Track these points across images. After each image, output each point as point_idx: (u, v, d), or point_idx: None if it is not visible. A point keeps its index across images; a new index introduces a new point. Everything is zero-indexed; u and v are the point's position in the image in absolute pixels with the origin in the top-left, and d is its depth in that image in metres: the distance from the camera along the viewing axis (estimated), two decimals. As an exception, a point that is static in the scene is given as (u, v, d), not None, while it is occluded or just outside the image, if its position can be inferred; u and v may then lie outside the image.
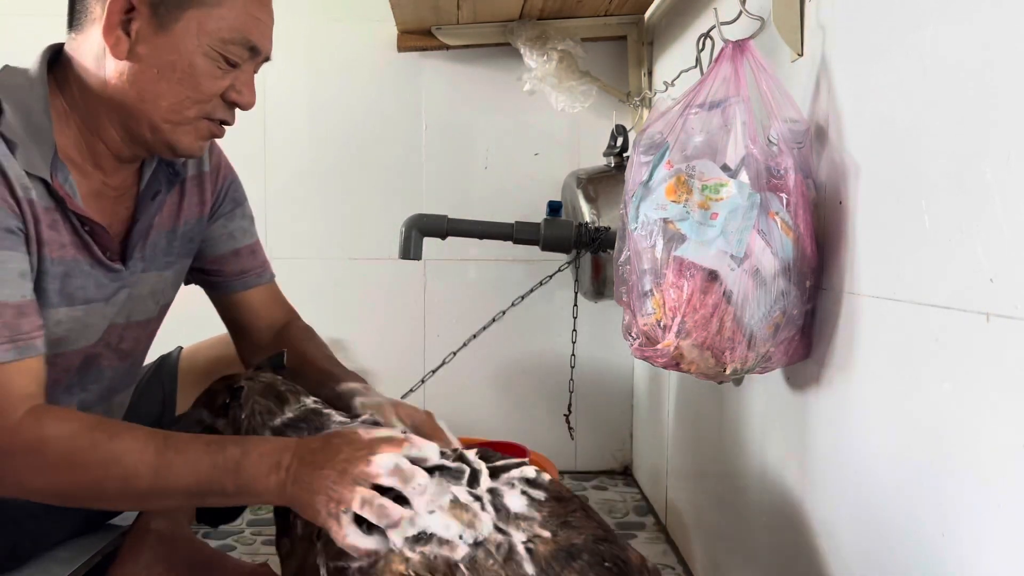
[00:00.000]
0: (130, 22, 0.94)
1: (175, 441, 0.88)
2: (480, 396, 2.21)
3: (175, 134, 1.00)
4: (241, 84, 1.01)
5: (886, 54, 0.85)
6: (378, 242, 2.15)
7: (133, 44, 0.95)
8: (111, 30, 0.94)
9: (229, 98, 1.01)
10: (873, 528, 0.87)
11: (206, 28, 0.95)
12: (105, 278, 1.04)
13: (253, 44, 0.99)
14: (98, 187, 1.03)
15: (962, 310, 0.70)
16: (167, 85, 0.96)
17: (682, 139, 1.03)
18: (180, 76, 0.96)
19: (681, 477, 1.68)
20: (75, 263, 1.00)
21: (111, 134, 1.01)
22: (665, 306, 0.99)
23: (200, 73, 0.97)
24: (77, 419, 0.89)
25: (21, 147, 0.92)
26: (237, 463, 0.85)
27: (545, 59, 1.95)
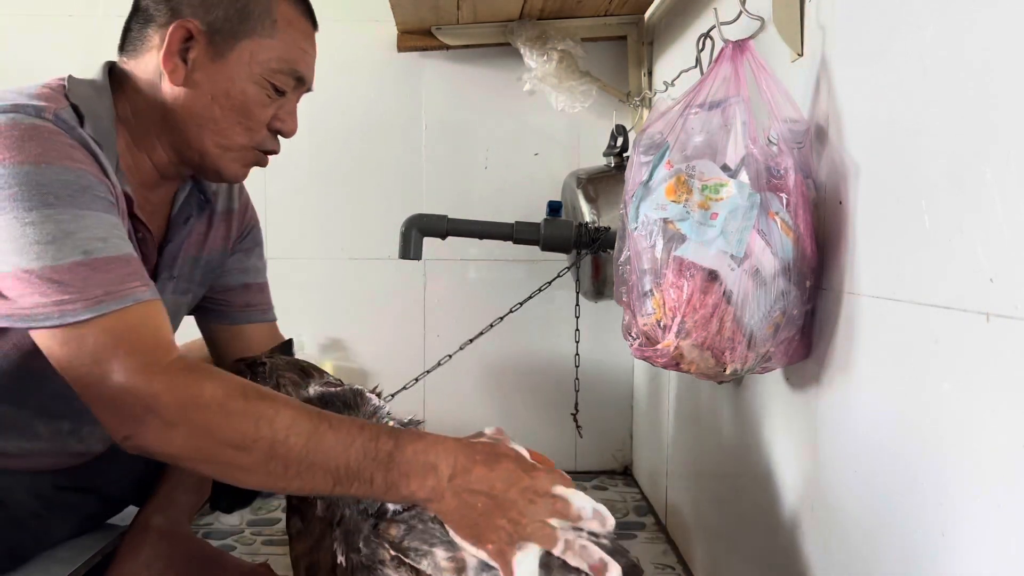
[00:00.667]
0: (188, 50, 1.00)
1: (329, 416, 0.84)
2: (480, 396, 2.21)
3: (223, 160, 1.05)
4: (286, 113, 1.07)
5: (886, 54, 0.85)
6: (378, 242, 2.15)
7: (190, 71, 1.01)
8: (171, 57, 1.00)
9: (274, 127, 1.07)
10: (873, 528, 0.87)
11: (258, 58, 1.02)
12: None
13: (300, 74, 1.06)
14: (141, 200, 1.06)
15: (962, 310, 0.70)
16: (220, 111, 1.02)
17: (682, 139, 1.03)
18: (232, 103, 1.02)
19: (681, 477, 1.68)
20: None
21: (160, 153, 1.06)
22: (665, 306, 0.99)
23: (251, 100, 1.03)
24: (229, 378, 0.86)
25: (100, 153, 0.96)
26: (389, 455, 0.81)
27: (545, 59, 1.95)
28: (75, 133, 0.92)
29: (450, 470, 0.82)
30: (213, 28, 1.00)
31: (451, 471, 0.82)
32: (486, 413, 2.20)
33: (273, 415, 0.82)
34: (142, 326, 0.86)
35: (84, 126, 0.94)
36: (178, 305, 1.18)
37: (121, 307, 0.84)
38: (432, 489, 0.81)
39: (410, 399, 2.18)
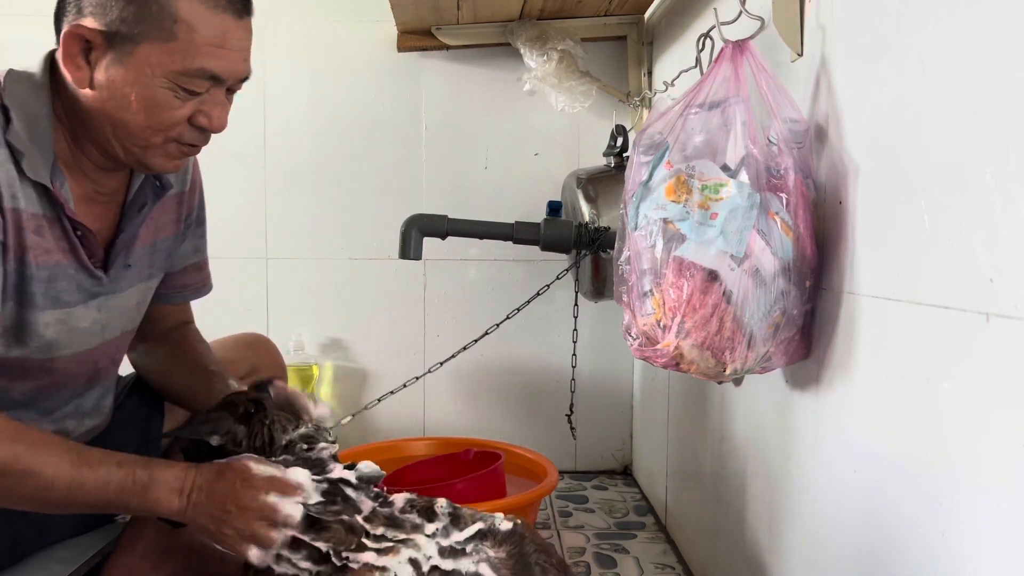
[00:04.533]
0: (90, 51, 0.95)
1: (89, 458, 0.94)
2: (480, 395, 2.21)
3: (145, 157, 1.01)
4: (209, 108, 1.00)
5: (886, 54, 0.85)
6: (378, 242, 2.15)
7: (94, 73, 0.96)
8: (71, 60, 0.96)
9: (197, 123, 1.00)
10: (873, 527, 0.87)
11: (160, 62, 0.95)
12: (86, 282, 1.06)
13: (213, 74, 0.98)
14: (90, 192, 1.05)
15: (962, 310, 0.70)
16: (128, 115, 0.97)
17: (682, 139, 1.03)
18: (139, 107, 0.96)
19: (681, 477, 1.69)
20: (59, 267, 1.02)
21: (92, 151, 1.03)
22: (665, 306, 0.99)
23: (158, 104, 0.97)
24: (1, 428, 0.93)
25: (27, 155, 0.95)
26: (144, 486, 0.94)
27: (545, 59, 1.95)
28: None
29: (188, 490, 0.95)
30: (111, 30, 0.94)
31: (189, 491, 0.95)
32: (486, 413, 2.20)
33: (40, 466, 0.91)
34: None
35: (7, 132, 0.93)
36: (146, 292, 1.19)
37: None
38: (179, 508, 0.95)
39: (410, 399, 2.18)
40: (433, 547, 0.90)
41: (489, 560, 0.89)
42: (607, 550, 1.70)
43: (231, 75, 1.00)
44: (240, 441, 1.08)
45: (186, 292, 1.29)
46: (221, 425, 1.10)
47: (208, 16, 0.96)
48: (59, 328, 1.04)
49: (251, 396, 1.13)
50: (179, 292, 1.28)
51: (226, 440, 1.09)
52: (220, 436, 1.09)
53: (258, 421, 1.09)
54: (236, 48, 0.99)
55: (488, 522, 0.93)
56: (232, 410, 1.11)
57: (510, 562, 0.89)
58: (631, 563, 1.64)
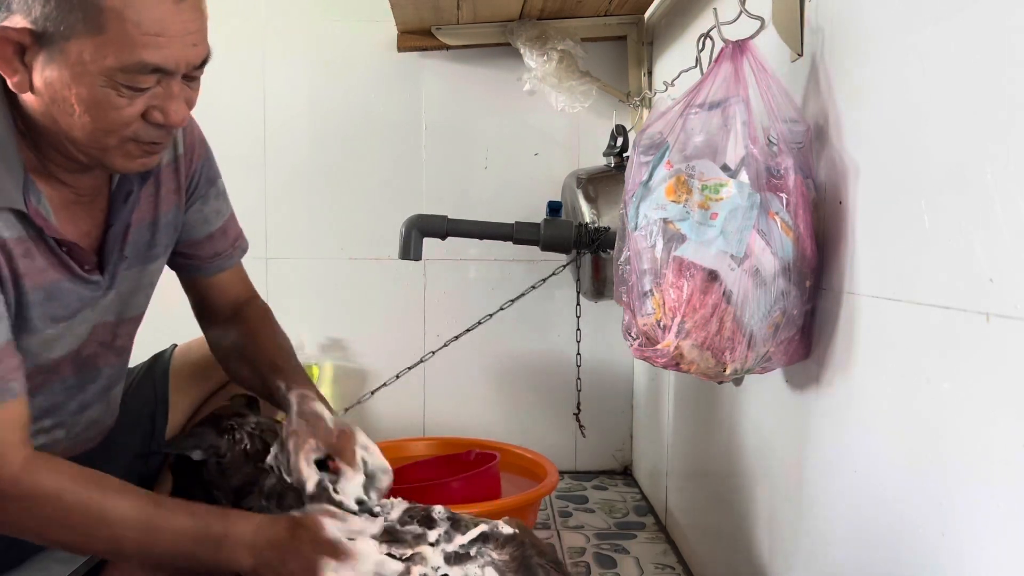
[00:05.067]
0: (24, 52, 0.87)
1: (164, 509, 0.92)
2: (480, 395, 2.21)
3: (105, 158, 0.94)
4: (162, 102, 0.90)
5: (886, 54, 0.85)
6: (378, 242, 2.15)
7: (31, 76, 0.88)
8: (6, 64, 0.87)
9: (152, 119, 0.91)
10: (873, 527, 0.87)
11: (92, 58, 0.85)
12: (86, 290, 1.03)
13: (156, 66, 0.87)
14: (69, 196, 1.00)
15: (962, 310, 0.70)
16: (73, 119, 0.89)
17: (682, 139, 1.03)
18: (82, 110, 0.88)
19: (681, 477, 1.69)
20: (55, 284, 0.98)
21: (54, 152, 0.96)
22: (665, 306, 0.99)
23: (101, 105, 0.88)
24: (70, 476, 0.91)
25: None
26: (219, 540, 0.91)
27: (545, 59, 1.95)
28: None
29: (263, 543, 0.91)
30: (38, 29, 0.85)
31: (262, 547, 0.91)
32: (486, 412, 2.20)
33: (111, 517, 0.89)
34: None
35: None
36: (151, 274, 1.14)
37: None
38: (250, 566, 0.91)
39: (411, 399, 2.19)
40: (439, 556, 0.89)
41: (494, 563, 0.89)
42: (607, 550, 1.70)
43: (178, 65, 0.89)
44: (224, 454, 1.09)
45: (220, 260, 1.21)
46: (204, 440, 1.11)
47: (139, 2, 0.85)
48: (58, 338, 1.02)
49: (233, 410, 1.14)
50: (212, 261, 1.20)
51: (209, 454, 1.10)
52: (203, 451, 1.10)
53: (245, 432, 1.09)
54: (179, 34, 0.88)
55: (490, 525, 0.93)
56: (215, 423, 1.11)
57: (513, 564, 0.89)
58: (631, 563, 1.64)
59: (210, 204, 1.18)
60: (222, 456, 1.09)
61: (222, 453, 1.09)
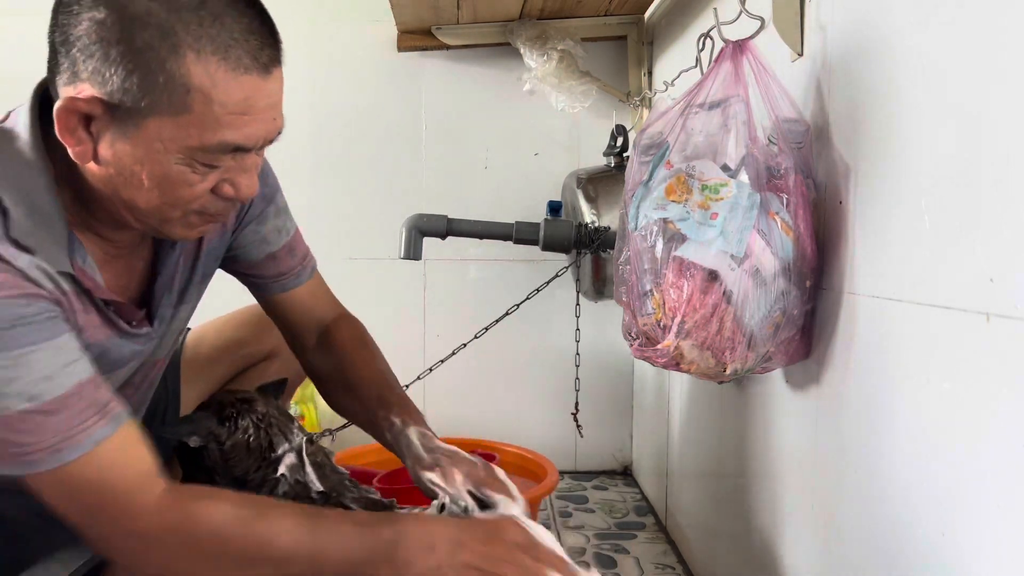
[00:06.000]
0: (91, 121, 0.81)
1: (326, 522, 0.86)
2: (480, 395, 2.21)
3: (163, 229, 0.90)
4: (235, 176, 0.87)
5: (886, 54, 0.85)
6: (378, 242, 2.15)
7: (95, 146, 0.82)
8: (69, 134, 0.81)
9: (222, 193, 0.87)
10: (873, 527, 0.87)
11: (173, 137, 0.80)
12: (136, 344, 0.99)
13: (237, 146, 0.83)
14: (111, 250, 0.95)
15: (962, 310, 0.70)
16: (139, 192, 0.84)
17: (682, 139, 1.03)
18: (150, 185, 0.83)
19: (681, 477, 1.68)
20: (108, 341, 0.94)
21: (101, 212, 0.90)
22: (665, 306, 0.99)
23: (174, 182, 0.83)
24: (223, 500, 0.85)
25: (39, 251, 0.83)
26: (393, 547, 0.84)
27: (545, 59, 1.95)
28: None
29: (448, 547, 0.84)
30: (112, 101, 0.79)
31: (449, 548, 0.84)
32: (486, 412, 2.20)
33: (274, 538, 0.83)
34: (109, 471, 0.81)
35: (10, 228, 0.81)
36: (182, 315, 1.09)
37: (81, 454, 0.80)
38: (435, 568, 0.84)
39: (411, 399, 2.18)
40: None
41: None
42: (607, 550, 1.70)
43: (258, 141, 0.86)
44: (224, 443, 1.05)
45: (286, 280, 1.15)
46: (202, 426, 1.06)
47: (228, 81, 0.80)
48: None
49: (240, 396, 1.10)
50: (278, 281, 1.14)
51: (207, 441, 1.06)
52: (201, 438, 1.06)
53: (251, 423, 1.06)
54: (262, 110, 0.83)
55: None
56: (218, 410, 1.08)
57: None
58: (631, 563, 1.64)
59: (269, 223, 1.12)
60: (222, 443, 1.06)
61: (222, 440, 1.06)
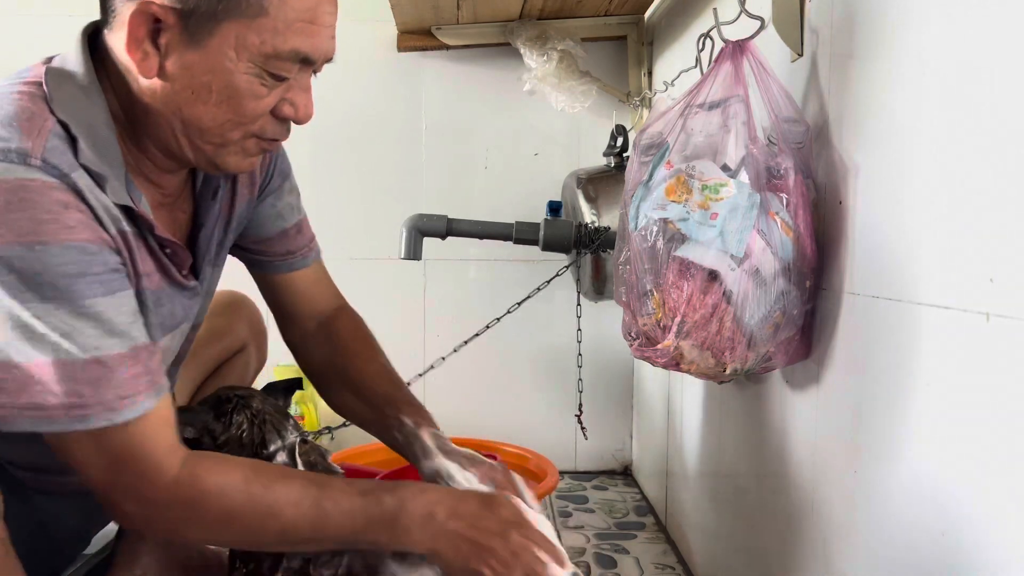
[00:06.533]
0: (159, 33, 0.81)
1: (330, 491, 0.87)
2: (480, 395, 2.21)
3: (219, 155, 0.89)
4: (295, 95, 0.88)
5: (886, 54, 0.85)
6: (378, 242, 2.15)
7: (163, 60, 0.82)
8: (136, 45, 0.81)
9: (281, 113, 0.88)
10: (873, 527, 0.87)
11: (247, 43, 0.81)
12: (185, 297, 0.98)
13: (305, 55, 0.85)
14: (158, 197, 0.94)
15: (962, 310, 0.70)
16: (204, 107, 0.84)
17: (682, 139, 1.03)
18: (218, 98, 0.84)
19: (681, 477, 1.69)
20: (161, 290, 0.93)
21: (154, 152, 0.91)
22: (665, 306, 0.99)
23: (241, 93, 0.84)
24: (232, 469, 0.87)
25: (107, 179, 0.83)
26: (394, 515, 0.86)
27: (545, 59, 1.95)
28: (68, 180, 0.79)
29: (445, 514, 0.86)
30: (187, 7, 0.80)
31: (446, 515, 0.86)
32: (487, 412, 2.20)
33: (279, 506, 0.85)
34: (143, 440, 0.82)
35: (79, 154, 0.81)
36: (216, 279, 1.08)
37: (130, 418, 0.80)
38: (431, 536, 0.86)
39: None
40: None
41: None
42: (607, 550, 1.70)
43: (321, 55, 0.87)
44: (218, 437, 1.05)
45: (293, 258, 1.14)
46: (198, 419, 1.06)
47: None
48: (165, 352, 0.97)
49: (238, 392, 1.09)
50: (285, 259, 1.14)
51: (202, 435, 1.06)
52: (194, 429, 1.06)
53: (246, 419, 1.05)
54: (327, 24, 0.86)
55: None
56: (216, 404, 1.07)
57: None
58: (631, 563, 1.64)
59: (284, 199, 1.12)
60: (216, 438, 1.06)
61: (216, 435, 1.06)
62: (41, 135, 0.79)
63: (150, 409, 0.82)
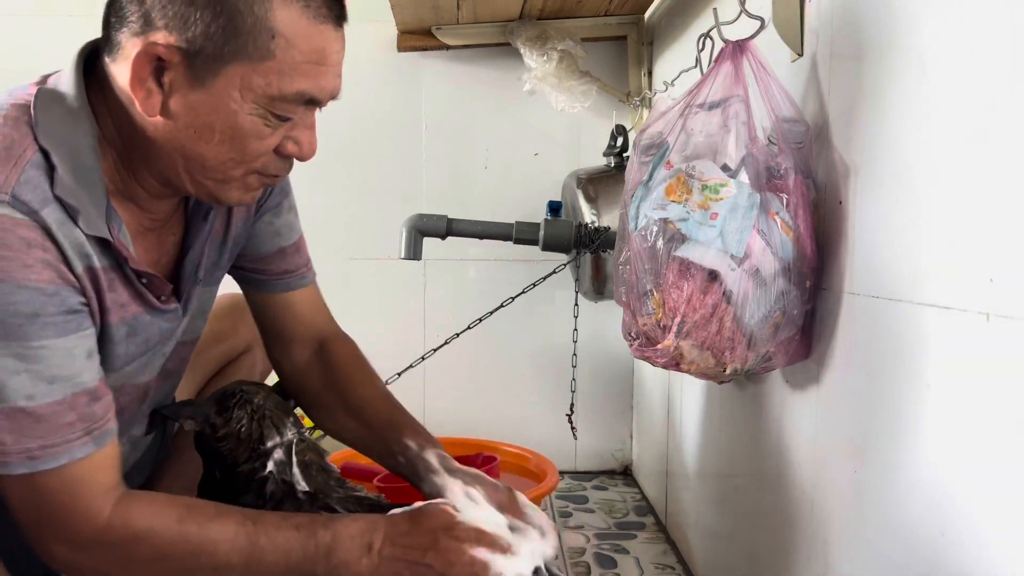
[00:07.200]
0: (163, 72, 0.80)
1: (265, 527, 0.87)
2: (480, 395, 2.21)
3: (220, 190, 0.89)
4: (299, 133, 0.88)
5: (886, 54, 0.85)
6: (378, 242, 2.15)
7: (166, 98, 0.82)
8: (140, 84, 0.81)
9: (285, 151, 0.88)
10: (872, 527, 0.87)
11: (252, 85, 0.81)
12: (164, 321, 0.97)
13: (311, 97, 0.84)
14: (145, 222, 0.94)
15: (962, 310, 0.70)
16: (207, 146, 0.84)
17: (682, 139, 1.04)
18: (221, 138, 0.83)
19: (681, 477, 1.69)
20: (135, 319, 0.92)
21: (149, 179, 0.90)
22: (665, 306, 0.99)
23: (246, 134, 0.83)
24: (166, 508, 0.86)
25: (82, 211, 0.82)
26: (328, 548, 0.86)
27: (545, 59, 1.95)
28: (37, 217, 0.78)
29: (380, 541, 0.87)
30: (192, 48, 0.79)
31: (381, 546, 0.87)
32: (486, 413, 2.20)
33: (213, 545, 0.84)
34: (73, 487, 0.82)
35: (56, 184, 0.80)
36: (208, 298, 1.08)
37: (53, 467, 0.80)
38: (370, 568, 0.86)
39: (410, 399, 2.17)
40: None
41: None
42: (607, 550, 1.70)
43: (327, 95, 0.87)
44: (218, 430, 1.06)
45: (290, 279, 1.13)
46: (200, 411, 1.07)
47: (309, 28, 0.81)
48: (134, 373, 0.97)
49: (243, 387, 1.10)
50: (282, 279, 1.12)
51: (203, 428, 1.07)
52: (196, 422, 1.06)
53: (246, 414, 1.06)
54: (333, 64, 0.85)
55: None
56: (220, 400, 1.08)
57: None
58: (631, 563, 1.64)
59: (283, 217, 1.12)
60: (217, 431, 1.07)
61: (217, 428, 1.07)
62: (17, 167, 0.79)
63: (86, 455, 0.82)
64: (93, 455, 0.82)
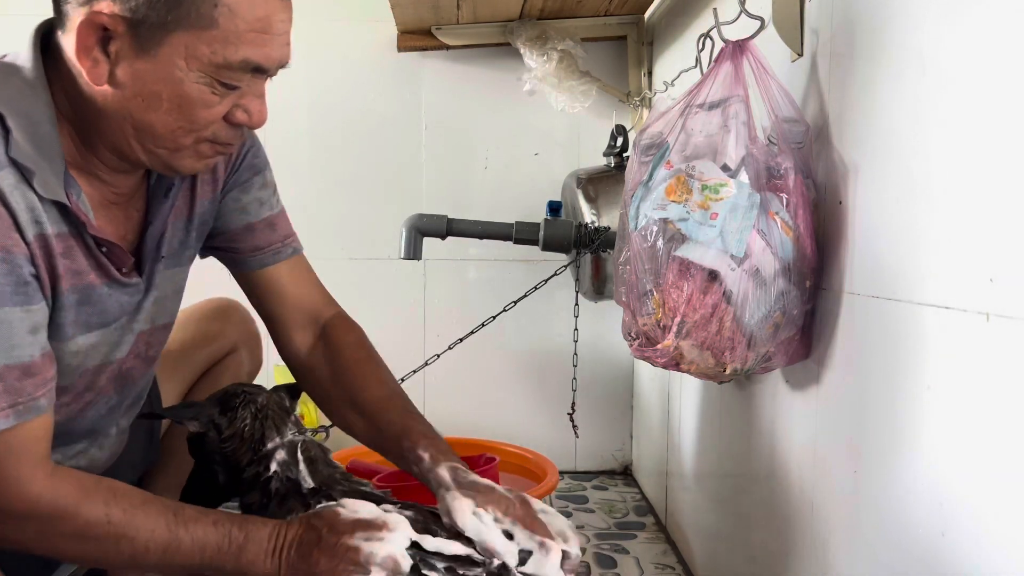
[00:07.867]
0: (109, 41, 0.81)
1: (185, 520, 0.89)
2: (480, 395, 2.21)
3: (172, 159, 0.89)
4: (248, 102, 0.89)
5: (885, 53, 0.85)
6: (378, 242, 2.15)
7: (113, 67, 0.83)
8: (86, 53, 0.82)
9: (235, 119, 0.89)
10: (873, 527, 0.87)
11: (196, 53, 0.82)
12: (124, 295, 0.98)
13: (256, 64, 0.85)
14: (107, 195, 0.94)
15: (962, 310, 0.70)
16: (155, 115, 0.84)
17: (682, 139, 1.03)
18: (169, 106, 0.84)
19: (681, 477, 1.68)
20: (90, 288, 0.93)
21: (105, 152, 0.91)
22: (665, 306, 0.99)
23: (192, 103, 0.84)
24: (95, 490, 0.88)
25: (37, 172, 0.82)
26: (240, 547, 0.89)
27: (545, 59, 1.95)
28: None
29: (284, 544, 0.89)
30: (136, 17, 0.79)
31: (281, 549, 0.89)
32: (486, 413, 2.20)
33: (134, 530, 0.87)
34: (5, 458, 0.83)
35: (10, 147, 0.81)
36: (176, 280, 1.08)
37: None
38: (272, 570, 0.89)
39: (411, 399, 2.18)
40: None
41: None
42: (607, 550, 1.70)
43: (274, 63, 0.88)
44: (223, 431, 1.07)
45: (261, 255, 1.11)
46: (203, 412, 1.08)
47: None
48: (91, 350, 0.97)
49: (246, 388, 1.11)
50: (254, 256, 1.11)
51: (208, 428, 1.07)
52: (201, 424, 1.07)
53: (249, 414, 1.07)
54: (280, 32, 0.86)
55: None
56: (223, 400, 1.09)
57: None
58: (631, 563, 1.64)
59: (251, 193, 1.11)
60: (221, 432, 1.07)
61: (221, 429, 1.07)
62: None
63: (7, 427, 0.82)
64: (17, 428, 0.83)
